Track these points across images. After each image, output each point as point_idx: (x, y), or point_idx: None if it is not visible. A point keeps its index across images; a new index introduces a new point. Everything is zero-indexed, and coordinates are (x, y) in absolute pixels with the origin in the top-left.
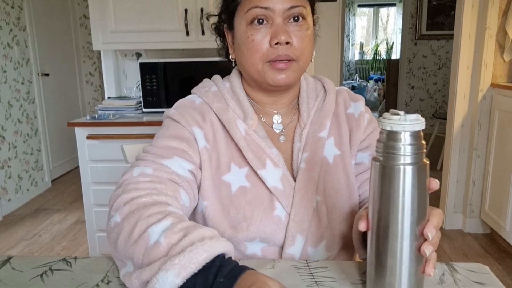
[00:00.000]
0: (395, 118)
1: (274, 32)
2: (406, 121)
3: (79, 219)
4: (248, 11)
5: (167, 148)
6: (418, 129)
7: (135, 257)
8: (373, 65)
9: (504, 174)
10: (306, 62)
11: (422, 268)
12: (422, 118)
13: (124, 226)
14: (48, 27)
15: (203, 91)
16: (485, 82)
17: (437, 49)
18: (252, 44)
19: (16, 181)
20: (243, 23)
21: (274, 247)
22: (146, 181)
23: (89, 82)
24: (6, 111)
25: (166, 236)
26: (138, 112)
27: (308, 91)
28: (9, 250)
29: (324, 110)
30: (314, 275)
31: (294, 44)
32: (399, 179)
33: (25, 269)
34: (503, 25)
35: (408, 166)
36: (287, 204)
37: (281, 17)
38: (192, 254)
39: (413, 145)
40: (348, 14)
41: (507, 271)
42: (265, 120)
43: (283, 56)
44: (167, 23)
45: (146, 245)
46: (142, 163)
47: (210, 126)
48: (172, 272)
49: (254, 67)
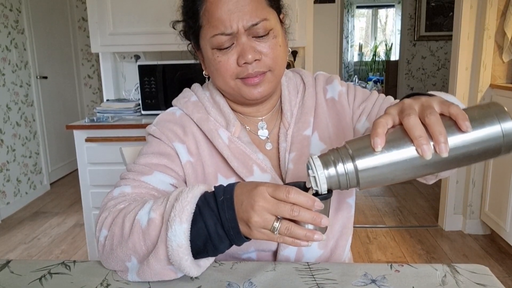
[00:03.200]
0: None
1: (240, 51)
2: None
3: (78, 222)
4: (212, 37)
5: (148, 164)
6: None
7: (137, 248)
8: (372, 66)
9: (504, 175)
10: (281, 68)
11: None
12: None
13: (114, 231)
14: (46, 30)
15: (182, 102)
16: (484, 82)
17: (436, 50)
18: (220, 65)
19: (14, 184)
20: (208, 46)
21: (268, 252)
22: (125, 200)
23: (88, 85)
24: (5, 114)
25: (153, 211)
26: (137, 114)
27: (290, 88)
28: (8, 254)
29: (305, 106)
30: (315, 277)
31: (263, 58)
32: None
33: (24, 273)
34: (501, 26)
35: None
36: None
37: (245, 35)
38: (180, 200)
39: None
40: (346, 15)
41: (507, 272)
42: (250, 129)
43: (254, 73)
44: (165, 25)
45: (141, 229)
46: (123, 182)
47: (192, 139)
48: (175, 224)
49: (227, 85)
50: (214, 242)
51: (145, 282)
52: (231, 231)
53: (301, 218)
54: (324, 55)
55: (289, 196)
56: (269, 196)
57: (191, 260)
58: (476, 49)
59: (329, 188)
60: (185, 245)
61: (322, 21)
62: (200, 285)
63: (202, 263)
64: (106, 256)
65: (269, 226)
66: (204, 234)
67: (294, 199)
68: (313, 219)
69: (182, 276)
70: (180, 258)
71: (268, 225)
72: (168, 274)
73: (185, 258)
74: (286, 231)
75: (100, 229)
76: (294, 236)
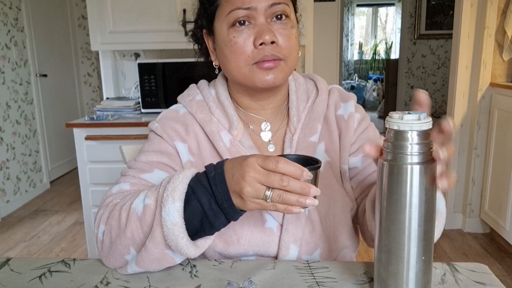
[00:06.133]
0: (402, 118)
1: (258, 32)
2: (413, 121)
3: (78, 221)
4: (229, 13)
5: (148, 162)
6: (425, 129)
7: (135, 236)
8: (372, 65)
9: (503, 173)
10: (294, 61)
11: (430, 270)
12: (429, 117)
13: (112, 224)
14: (46, 28)
15: (187, 100)
16: (484, 81)
17: (436, 49)
18: (236, 47)
19: (14, 182)
20: (224, 26)
21: (268, 258)
22: (124, 197)
23: (88, 83)
24: (4, 112)
25: (148, 197)
26: (137, 112)
27: (298, 93)
28: (8, 252)
29: (315, 112)
30: (315, 275)
31: (280, 43)
32: (406, 178)
33: (24, 271)
34: (502, 24)
35: (416, 166)
36: (278, 215)
37: (264, 15)
38: (172, 182)
39: (421, 144)
40: (347, 14)
41: (506, 271)
42: (253, 129)
43: (270, 56)
44: (165, 23)
45: (137, 217)
46: (123, 179)
47: (194, 138)
48: (168, 203)
49: (240, 71)
50: (210, 219)
51: (145, 280)
52: (224, 204)
53: (290, 188)
54: (324, 54)
55: (278, 166)
56: (259, 167)
57: (187, 239)
58: (476, 48)
59: (318, 160)
60: (179, 223)
61: (322, 20)
62: (200, 283)
63: (200, 244)
64: (106, 253)
65: (261, 195)
66: (199, 212)
67: (283, 169)
68: (302, 188)
69: (182, 275)
70: (176, 236)
71: (260, 194)
72: (166, 259)
73: (180, 236)
74: (278, 198)
75: (98, 225)
76: (287, 202)
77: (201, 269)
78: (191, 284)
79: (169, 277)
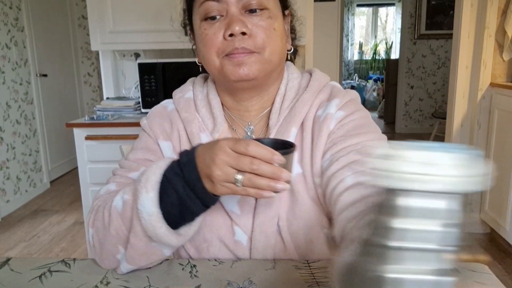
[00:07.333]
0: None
1: (227, 23)
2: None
3: (78, 220)
4: (201, 5)
5: (136, 160)
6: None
7: (120, 233)
8: (372, 64)
9: (503, 173)
10: (274, 54)
11: None
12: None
13: (98, 226)
14: (46, 27)
15: (177, 97)
16: (485, 81)
17: (436, 49)
18: (207, 39)
19: (14, 182)
20: (197, 19)
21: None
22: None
23: (88, 83)
24: (5, 112)
25: (126, 193)
26: (137, 112)
27: (286, 96)
28: (8, 252)
29: (292, 114)
30: (315, 275)
31: (253, 35)
32: None
33: (24, 271)
34: (502, 24)
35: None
36: (247, 228)
37: (236, 7)
38: (145, 173)
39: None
40: (347, 13)
41: (507, 271)
42: (237, 131)
43: (240, 49)
44: (165, 23)
45: (119, 214)
46: (112, 179)
47: (177, 137)
48: (141, 195)
49: (212, 64)
50: (187, 204)
51: (145, 279)
52: (196, 189)
53: (261, 172)
54: (324, 54)
55: (248, 149)
56: (229, 150)
57: (166, 228)
58: (477, 48)
59: (292, 142)
60: (155, 213)
61: (322, 20)
62: (200, 283)
63: (184, 232)
64: (99, 255)
65: (232, 179)
66: (176, 199)
67: (254, 151)
68: (272, 172)
69: (182, 275)
70: (154, 227)
71: (231, 178)
72: (154, 252)
73: (158, 226)
74: (248, 182)
75: (87, 230)
76: (257, 186)
77: (201, 269)
78: (191, 284)
79: (169, 277)
